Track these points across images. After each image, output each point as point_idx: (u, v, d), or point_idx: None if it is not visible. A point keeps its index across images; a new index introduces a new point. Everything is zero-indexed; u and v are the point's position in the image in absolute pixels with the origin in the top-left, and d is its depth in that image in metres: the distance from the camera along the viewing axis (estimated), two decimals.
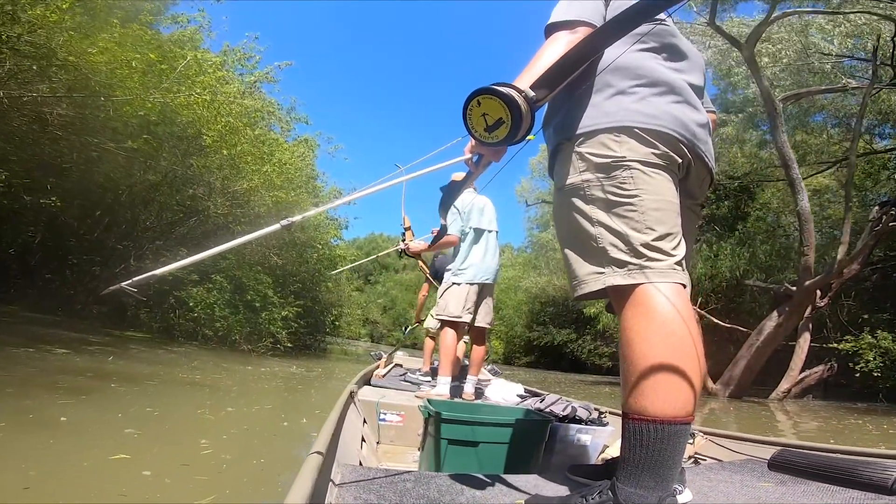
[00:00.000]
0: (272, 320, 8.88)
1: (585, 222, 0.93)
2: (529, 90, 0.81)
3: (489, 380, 3.65)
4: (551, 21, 0.99)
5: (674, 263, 0.89)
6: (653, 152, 0.92)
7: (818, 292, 8.75)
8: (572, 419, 1.85)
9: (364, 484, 0.99)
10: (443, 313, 2.85)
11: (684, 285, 0.90)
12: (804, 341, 9.09)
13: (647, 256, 0.88)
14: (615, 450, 1.70)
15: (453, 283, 2.89)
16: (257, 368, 6.18)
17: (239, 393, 4.15)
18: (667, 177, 0.93)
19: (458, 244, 2.96)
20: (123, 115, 6.48)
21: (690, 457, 1.76)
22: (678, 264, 0.90)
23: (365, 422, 2.10)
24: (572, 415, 1.86)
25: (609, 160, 0.92)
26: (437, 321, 3.35)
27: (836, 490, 1.07)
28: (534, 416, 1.73)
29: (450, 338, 2.82)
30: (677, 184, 0.97)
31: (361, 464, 1.53)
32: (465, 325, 2.92)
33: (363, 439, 1.94)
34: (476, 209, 2.95)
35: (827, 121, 11.95)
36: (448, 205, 1.20)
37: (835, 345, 9.20)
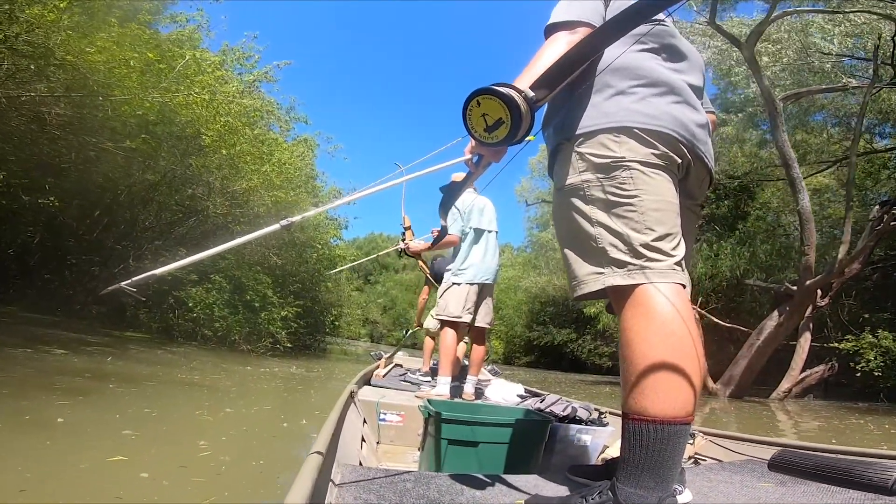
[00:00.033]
0: (271, 320, 8.87)
1: (585, 222, 0.94)
2: (529, 90, 0.81)
3: (489, 380, 3.65)
4: (551, 21, 0.99)
5: (673, 264, 0.89)
6: (652, 153, 0.92)
7: (819, 292, 8.74)
8: (572, 419, 1.85)
9: (364, 484, 0.99)
10: (443, 313, 2.86)
11: (684, 285, 0.90)
12: (805, 341, 9.08)
13: (647, 257, 0.88)
14: (615, 450, 1.70)
15: (453, 283, 2.89)
16: (256, 369, 6.17)
17: (238, 393, 4.13)
18: (666, 177, 0.93)
19: (459, 244, 2.96)
20: (122, 115, 6.47)
21: (690, 457, 1.76)
22: (678, 264, 0.90)
23: (365, 422, 2.10)
24: (572, 415, 1.87)
25: (609, 160, 0.92)
26: (436, 321, 3.35)
27: (835, 490, 1.07)
28: (534, 416, 1.73)
29: (450, 338, 2.83)
30: (677, 184, 0.97)
31: (361, 464, 1.53)
32: (465, 325, 2.93)
33: (363, 439, 1.94)
34: (476, 209, 2.96)
35: (827, 120, 11.95)
36: (448, 206, 1.19)
37: (835, 344, 9.18)
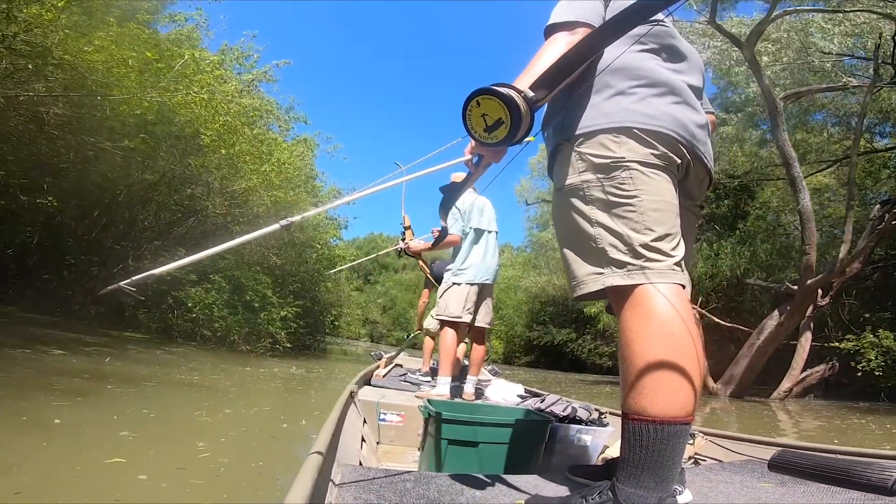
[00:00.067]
0: (271, 320, 8.85)
1: (585, 223, 0.94)
2: (529, 90, 0.81)
3: (489, 380, 3.65)
4: (551, 22, 0.99)
5: (673, 264, 0.90)
6: (652, 153, 0.92)
7: (819, 291, 8.73)
8: (572, 419, 1.86)
9: (364, 484, 0.99)
10: (443, 313, 2.86)
11: (683, 286, 0.90)
12: (805, 340, 9.07)
13: (647, 257, 0.88)
14: (615, 450, 1.70)
15: (453, 284, 2.90)
16: (256, 369, 6.15)
17: (237, 394, 4.12)
18: (666, 177, 0.94)
19: (460, 244, 2.96)
20: (120, 115, 6.45)
21: (690, 457, 1.77)
22: (677, 265, 0.90)
23: (365, 422, 2.10)
24: (572, 415, 1.87)
25: (608, 161, 0.92)
26: (436, 321, 3.34)
27: (835, 491, 1.07)
28: (534, 416, 1.73)
29: (450, 338, 2.83)
30: (676, 184, 0.97)
31: (361, 464, 1.53)
32: (465, 325, 2.93)
33: (363, 439, 1.94)
34: (476, 209, 2.98)
35: (827, 120, 11.94)
36: (448, 207, 1.20)
37: (836, 344, 9.18)
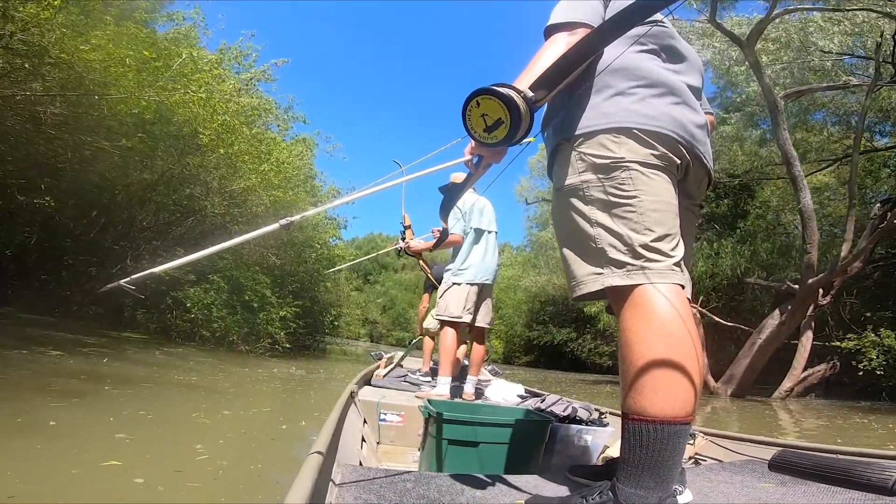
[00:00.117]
0: (270, 321, 8.82)
1: (584, 223, 0.94)
2: (528, 91, 0.81)
3: (489, 380, 3.64)
4: (550, 23, 0.99)
5: (672, 264, 0.90)
6: (652, 153, 0.92)
7: (821, 290, 8.72)
8: (573, 419, 1.86)
9: (364, 484, 0.99)
10: (443, 314, 2.86)
11: (683, 286, 0.91)
12: (807, 340, 9.06)
13: (646, 257, 0.88)
14: (615, 450, 1.70)
15: (453, 284, 2.90)
16: (255, 370, 6.13)
17: (236, 395, 4.09)
18: (665, 178, 0.94)
19: (461, 244, 2.95)
20: (118, 114, 6.42)
21: (691, 457, 1.77)
22: (677, 265, 0.91)
23: (365, 422, 2.10)
24: (573, 415, 1.87)
25: (608, 161, 0.92)
26: (436, 321, 3.32)
27: (836, 491, 1.07)
28: (534, 416, 1.73)
29: (450, 338, 2.83)
30: (676, 185, 0.97)
31: (361, 464, 1.53)
32: (465, 325, 2.93)
33: (363, 439, 1.94)
34: (476, 210, 2.99)
35: (827, 119, 11.95)
36: (449, 208, 1.19)
37: (837, 343, 9.18)
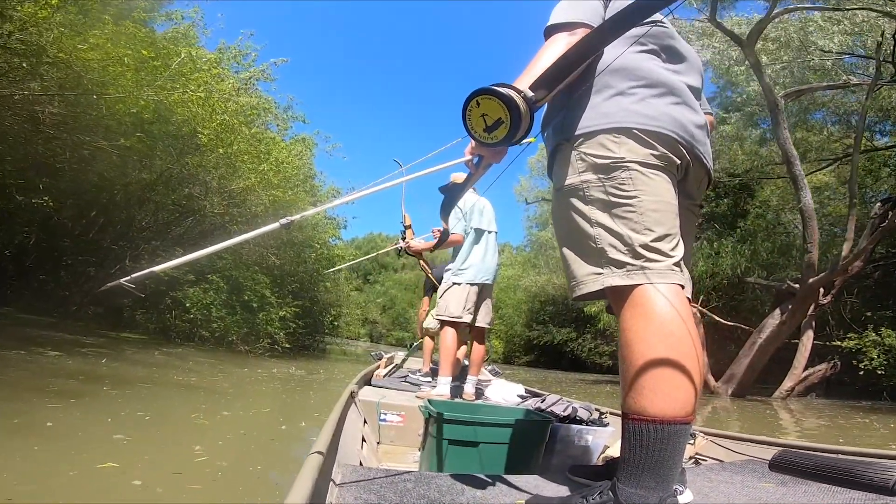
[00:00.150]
0: (270, 321, 8.81)
1: (584, 223, 0.94)
2: (528, 91, 0.81)
3: (489, 380, 3.63)
4: (550, 23, 0.99)
5: (672, 264, 0.90)
6: (651, 153, 0.92)
7: (821, 290, 8.71)
8: (573, 419, 1.85)
9: (364, 484, 0.99)
10: (443, 314, 2.86)
11: (682, 286, 0.91)
12: (807, 339, 9.05)
13: (646, 257, 0.88)
14: (616, 450, 1.69)
15: (454, 284, 2.89)
16: (254, 370, 6.11)
17: (235, 396, 4.08)
18: (665, 178, 0.94)
19: (462, 244, 2.94)
20: (116, 113, 6.39)
21: (691, 457, 1.76)
22: (676, 265, 0.91)
23: (365, 422, 2.10)
24: (573, 415, 1.87)
25: (608, 161, 0.92)
26: (437, 321, 3.31)
27: (836, 491, 1.07)
28: (534, 416, 1.73)
29: (450, 338, 2.82)
30: (676, 185, 0.98)
31: (362, 464, 1.53)
32: (465, 325, 2.92)
33: (363, 439, 1.93)
34: (477, 210, 2.98)
35: (827, 118, 11.94)
36: (450, 209, 1.19)
37: (838, 343, 9.17)
